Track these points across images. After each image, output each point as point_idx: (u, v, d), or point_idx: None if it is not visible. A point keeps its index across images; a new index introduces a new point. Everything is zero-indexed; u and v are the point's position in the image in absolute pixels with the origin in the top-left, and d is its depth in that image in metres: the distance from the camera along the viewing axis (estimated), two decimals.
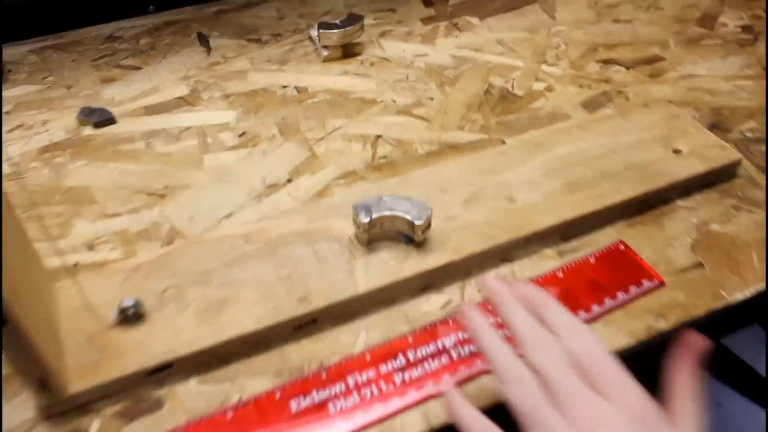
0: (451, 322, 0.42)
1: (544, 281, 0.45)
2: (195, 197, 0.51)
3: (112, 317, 0.40)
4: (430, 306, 0.43)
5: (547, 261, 0.47)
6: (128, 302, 0.39)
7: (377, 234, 0.44)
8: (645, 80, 0.65)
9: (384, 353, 0.40)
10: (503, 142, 0.57)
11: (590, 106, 0.62)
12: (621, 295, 0.44)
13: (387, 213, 0.43)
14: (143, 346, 0.39)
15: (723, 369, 0.56)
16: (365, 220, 0.43)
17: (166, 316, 0.40)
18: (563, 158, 0.53)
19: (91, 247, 0.47)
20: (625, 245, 0.48)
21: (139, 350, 0.39)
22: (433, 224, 0.45)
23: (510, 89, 0.63)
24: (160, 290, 0.42)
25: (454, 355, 0.40)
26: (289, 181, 0.52)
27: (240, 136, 0.57)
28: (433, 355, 0.40)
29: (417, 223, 0.43)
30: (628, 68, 0.67)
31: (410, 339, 0.41)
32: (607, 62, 0.68)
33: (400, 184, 0.50)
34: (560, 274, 0.46)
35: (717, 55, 0.70)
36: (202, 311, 0.40)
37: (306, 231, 0.46)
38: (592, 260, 0.47)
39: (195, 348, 0.39)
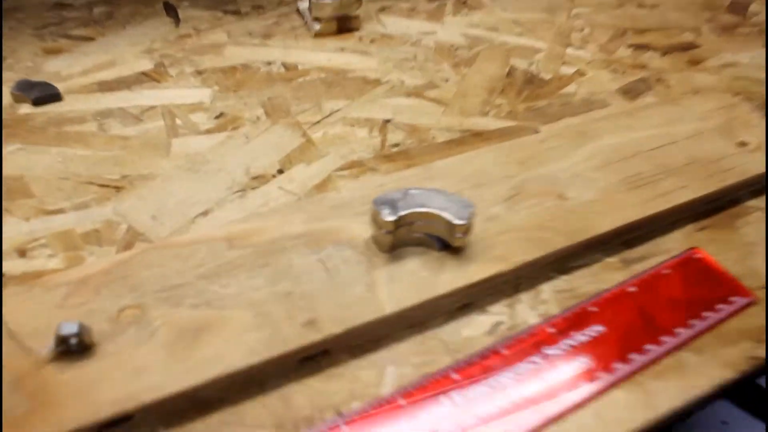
0: (505, 350, 0.32)
1: (613, 298, 0.36)
2: (160, 190, 0.40)
3: (47, 349, 0.29)
4: (473, 329, 0.33)
5: (611, 272, 0.37)
6: (70, 328, 0.28)
7: (403, 237, 0.34)
8: (684, 67, 0.57)
9: (422, 396, 0.30)
10: (536, 131, 0.47)
11: (629, 93, 0.53)
12: (708, 315, 0.35)
13: (419, 210, 0.33)
14: (91, 390, 0.28)
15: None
16: (390, 218, 0.32)
17: (124, 348, 0.29)
18: (615, 149, 0.43)
19: (22, 252, 0.36)
20: (703, 253, 0.39)
21: (85, 396, 0.28)
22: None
23: (535, 73, 0.54)
24: (114, 311, 0.31)
25: (515, 395, 0.30)
26: (280, 171, 0.42)
27: (216, 117, 0.46)
28: (487, 397, 0.30)
29: (457, 223, 0.33)
30: (663, 54, 0.59)
31: (455, 375, 0.31)
32: (639, 47, 0.59)
33: (421, 176, 0.40)
34: (631, 289, 0.36)
35: (756, 44, 0.62)
36: (172, 341, 0.30)
37: (308, 233, 0.35)
38: (667, 271, 0.38)
39: (163, 392, 0.28)
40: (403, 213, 0.33)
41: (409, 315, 0.32)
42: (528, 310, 0.35)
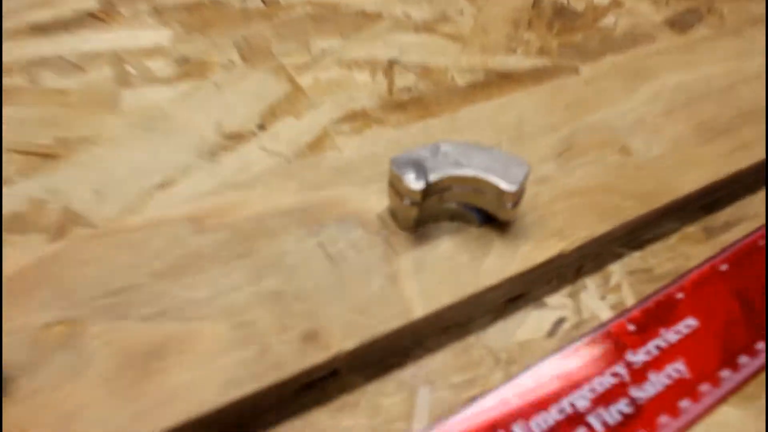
0: (576, 359, 0.24)
1: (701, 279, 0.27)
2: (106, 156, 0.31)
3: None
4: (528, 331, 0.25)
5: (693, 245, 0.29)
6: None
7: (433, 210, 0.25)
8: None
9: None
10: (577, 70, 0.38)
11: (677, 24, 0.44)
12: None
13: (456, 173, 0.24)
14: None
15: None
16: (418, 185, 0.24)
17: (48, 384, 0.21)
18: (679, 90, 0.35)
19: None
20: None
21: None
22: None
23: (565, 3, 0.45)
24: (36, 329, 0.22)
25: (597, 424, 0.22)
26: (261, 127, 0.33)
27: (179, 63, 0.37)
28: (559, 428, 0.22)
29: (509, 189, 0.24)
30: None
31: (514, 399, 0.23)
32: None
33: (445, 128, 0.31)
34: (722, 267, 0.28)
35: None
36: (117, 370, 0.21)
37: (302, 208, 0.26)
38: (762, 242, 0.29)
39: None
40: (434, 177, 0.24)
41: (446, 316, 0.24)
42: (596, 299, 0.26)
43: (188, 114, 0.33)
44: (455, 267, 0.24)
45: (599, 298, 0.26)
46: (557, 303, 0.26)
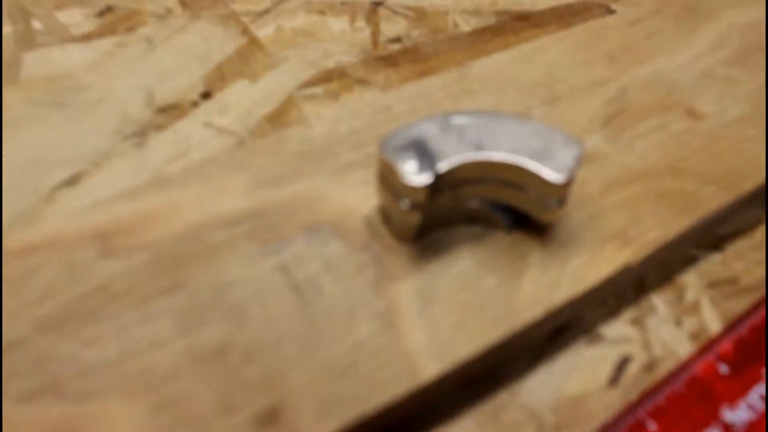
0: (652, 424, 0.16)
1: None
2: None
3: None
4: (583, 379, 0.18)
5: None
6: None
7: (443, 211, 0.18)
8: None
9: None
10: (610, 9, 0.30)
11: None
12: None
13: (478, 157, 0.16)
14: None
15: None
16: (421, 180, 0.16)
17: None
18: (749, 31, 0.27)
19: None
20: None
21: None
22: None
23: None
24: None
25: None
26: (206, 95, 0.25)
27: (100, 14, 0.28)
28: None
29: (555, 179, 0.16)
30: None
31: None
32: None
33: (450, 89, 0.23)
34: None
35: None
36: None
37: (255, 214, 0.18)
38: None
39: None
40: (446, 166, 0.16)
41: (468, 370, 0.17)
42: (670, 326, 0.19)
43: (110, 82, 0.25)
44: (478, 296, 0.17)
45: (674, 324, 0.19)
46: (618, 334, 0.19)
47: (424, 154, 0.16)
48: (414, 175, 0.16)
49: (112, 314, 0.16)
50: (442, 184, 0.16)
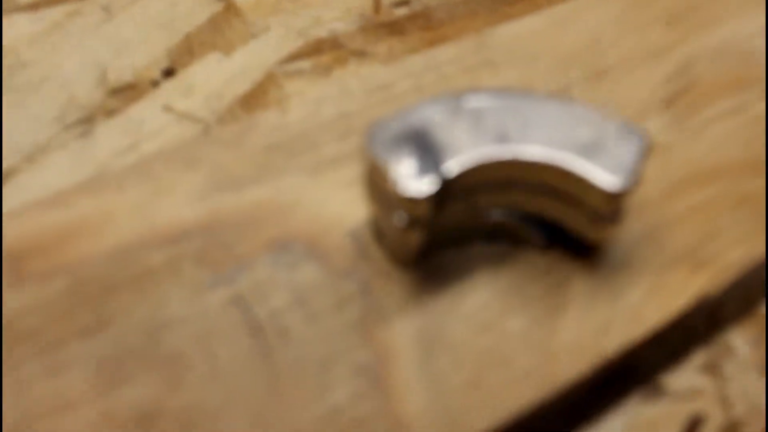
0: None
1: None
2: None
3: None
4: None
5: None
6: None
7: (454, 226, 0.13)
8: None
9: None
10: None
11: None
12: None
13: (502, 155, 0.12)
14: None
15: None
16: (422, 189, 0.11)
17: None
18: None
19: None
20: None
21: None
22: None
23: None
24: None
25: None
26: (169, 72, 0.20)
27: None
28: None
29: (611, 185, 0.12)
30: None
31: None
32: None
33: (467, 61, 0.18)
34: None
35: None
36: None
37: (206, 226, 0.14)
38: None
39: None
40: (457, 167, 0.12)
41: None
42: (753, 372, 0.14)
43: (56, 59, 0.21)
44: (501, 342, 0.12)
45: (758, 370, 0.14)
46: (685, 385, 0.14)
47: (428, 149, 0.12)
48: (412, 180, 0.11)
49: (13, 365, 0.12)
50: (451, 191, 0.12)
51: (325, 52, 0.21)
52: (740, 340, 0.15)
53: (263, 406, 0.12)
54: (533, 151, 0.12)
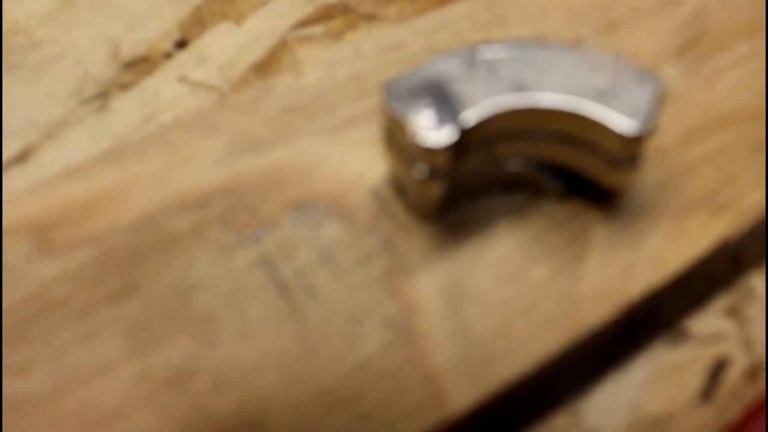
0: None
1: None
2: None
3: None
4: (665, 393, 0.13)
5: None
6: None
7: (474, 177, 0.13)
8: None
9: None
10: None
11: None
12: None
13: (520, 103, 0.12)
14: None
15: None
16: (441, 138, 0.11)
17: None
18: None
19: None
20: None
21: None
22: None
23: None
24: None
25: None
26: (181, 44, 0.20)
27: None
28: None
29: (629, 129, 0.12)
30: None
31: None
32: None
33: (480, 18, 0.18)
34: None
35: None
36: None
37: (229, 189, 0.14)
38: None
39: None
40: (475, 116, 0.12)
41: (515, 390, 0.12)
42: None
43: (68, 35, 0.21)
44: (526, 291, 0.13)
45: None
46: (709, 329, 0.14)
47: (445, 101, 0.12)
48: (430, 131, 0.11)
49: (46, 331, 0.13)
50: (470, 141, 0.12)
51: (335, 16, 0.21)
52: (762, 282, 0.15)
53: (294, 361, 0.12)
54: (549, 98, 0.12)
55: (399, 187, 0.14)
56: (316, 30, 0.20)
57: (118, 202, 0.14)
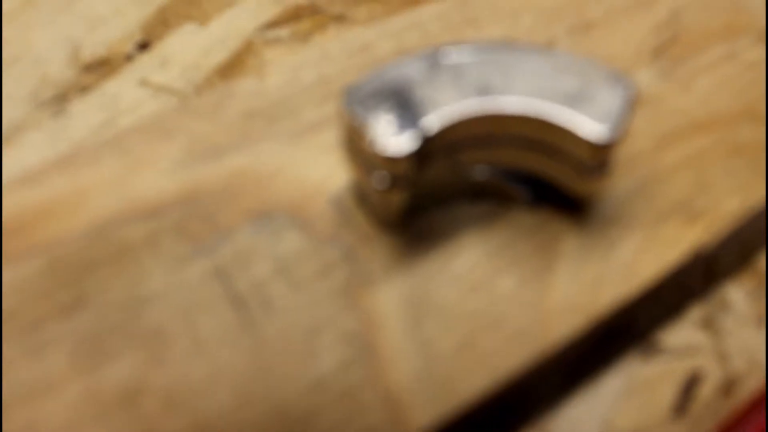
0: None
1: None
2: None
3: None
4: (638, 407, 0.13)
5: None
6: None
7: (438, 185, 0.13)
8: None
9: None
10: None
11: None
12: None
13: (485, 107, 0.11)
14: None
15: None
16: (400, 146, 0.11)
17: None
18: None
19: None
20: None
21: None
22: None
23: None
24: None
25: None
26: (143, 46, 0.20)
27: None
28: None
29: (598, 136, 0.11)
30: None
31: None
32: None
33: (451, 20, 0.17)
34: None
35: None
36: None
37: (185, 198, 0.14)
38: None
39: None
40: (436, 122, 0.11)
41: (479, 408, 0.12)
42: (752, 328, 0.14)
43: (28, 36, 0.20)
44: (492, 303, 0.12)
45: (756, 324, 0.14)
46: (682, 342, 0.14)
47: (406, 106, 0.11)
48: (391, 138, 0.11)
49: None
50: (433, 148, 0.12)
51: (303, 18, 0.20)
52: (737, 293, 0.15)
53: (248, 379, 0.11)
54: (515, 103, 0.11)
55: (360, 196, 0.13)
56: (283, 32, 0.20)
57: (69, 210, 0.14)
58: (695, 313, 0.14)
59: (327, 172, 0.14)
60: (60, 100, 0.19)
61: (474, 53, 0.12)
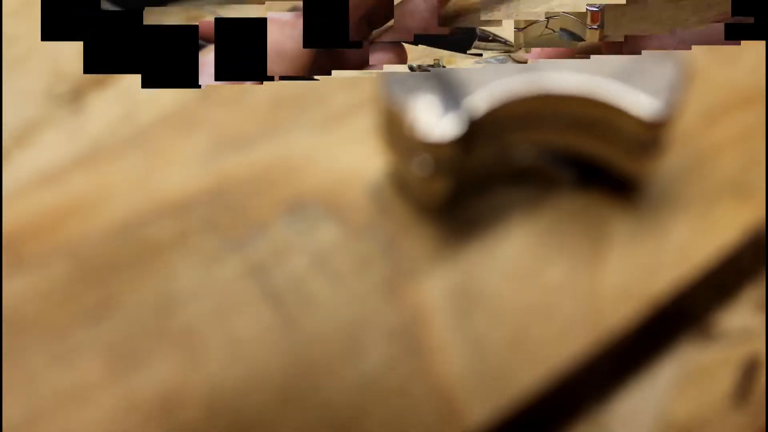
0: None
1: None
2: None
3: None
4: (695, 397, 0.12)
5: None
6: None
7: (482, 168, 0.12)
8: None
9: None
10: None
11: None
12: None
13: (531, 88, 0.11)
14: None
15: None
16: (446, 128, 0.10)
17: None
18: None
19: None
20: None
21: None
22: None
23: None
24: None
25: None
26: None
27: None
28: None
29: (649, 113, 0.11)
30: None
31: None
32: None
33: None
34: None
35: None
36: None
37: (215, 191, 0.13)
38: None
39: None
40: (483, 104, 0.11)
41: (533, 402, 0.11)
42: None
43: (38, 30, 0.20)
44: (542, 293, 0.12)
45: None
46: (739, 326, 0.13)
47: (448, 86, 0.11)
48: (434, 121, 0.10)
49: (19, 354, 0.12)
50: (478, 130, 0.11)
51: None
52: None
53: (291, 378, 0.11)
54: (566, 79, 0.11)
55: (399, 183, 0.12)
56: None
57: (92, 210, 0.13)
58: (750, 294, 0.14)
59: (361, 160, 0.13)
60: (76, 95, 0.18)
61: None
